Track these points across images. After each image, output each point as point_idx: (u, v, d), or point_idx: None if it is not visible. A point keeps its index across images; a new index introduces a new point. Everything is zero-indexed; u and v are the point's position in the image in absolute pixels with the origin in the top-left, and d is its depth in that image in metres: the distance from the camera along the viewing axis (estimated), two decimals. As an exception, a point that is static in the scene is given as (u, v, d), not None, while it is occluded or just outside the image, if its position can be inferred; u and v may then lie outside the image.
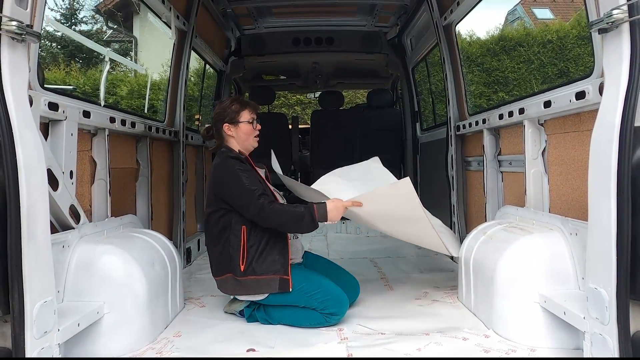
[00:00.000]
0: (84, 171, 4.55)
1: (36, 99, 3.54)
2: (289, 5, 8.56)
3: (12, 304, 2.99)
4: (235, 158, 4.63)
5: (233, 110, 4.79)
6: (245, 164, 4.63)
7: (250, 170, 4.62)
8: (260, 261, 4.50)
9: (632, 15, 3.01)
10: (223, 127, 4.80)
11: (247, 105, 4.86)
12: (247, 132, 4.81)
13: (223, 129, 4.81)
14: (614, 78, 3.10)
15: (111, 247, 4.09)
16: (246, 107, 4.83)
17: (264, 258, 4.52)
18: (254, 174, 4.63)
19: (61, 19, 30.42)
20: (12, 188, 2.99)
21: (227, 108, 4.82)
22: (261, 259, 4.51)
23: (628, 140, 2.96)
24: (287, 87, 13.76)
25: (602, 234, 3.06)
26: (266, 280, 4.53)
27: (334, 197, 4.55)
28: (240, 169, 4.53)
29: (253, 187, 4.46)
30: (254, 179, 4.57)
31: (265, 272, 4.49)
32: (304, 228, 4.45)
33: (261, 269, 4.49)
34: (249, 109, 4.84)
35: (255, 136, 4.88)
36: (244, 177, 4.49)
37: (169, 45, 6.94)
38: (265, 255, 4.53)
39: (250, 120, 4.80)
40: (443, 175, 7.21)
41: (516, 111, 4.99)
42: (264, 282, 4.51)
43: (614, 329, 3.00)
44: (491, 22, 33.95)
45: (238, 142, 4.82)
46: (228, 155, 4.67)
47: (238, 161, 4.61)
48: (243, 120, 4.78)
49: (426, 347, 3.95)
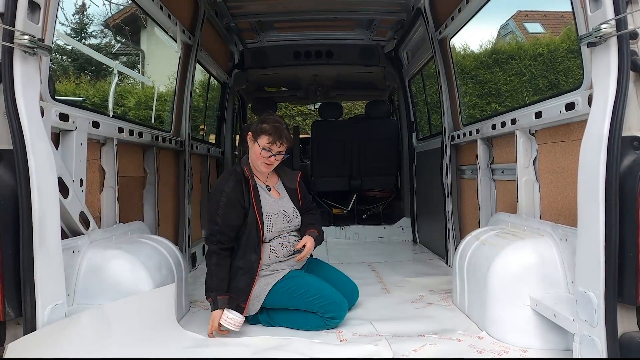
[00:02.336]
0: (93, 179, 4.56)
1: (47, 110, 3.55)
2: (290, 20, 8.58)
3: (24, 306, 3.01)
4: (239, 174, 4.66)
5: (260, 128, 4.68)
6: (241, 187, 4.62)
7: (240, 199, 4.59)
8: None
9: (620, 30, 3.03)
10: (248, 133, 4.78)
11: (271, 134, 4.63)
12: (256, 153, 4.69)
13: (247, 136, 4.80)
14: (602, 90, 3.12)
15: (119, 252, 4.10)
16: (269, 135, 4.63)
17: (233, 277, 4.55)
18: (239, 204, 4.59)
19: (71, 33, 30.45)
20: (24, 195, 3.00)
21: (260, 123, 4.73)
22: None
23: (616, 150, 2.98)
24: (289, 99, 13.80)
25: (590, 239, 3.07)
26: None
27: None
28: (226, 194, 4.55)
29: (218, 219, 4.50)
30: (232, 211, 4.55)
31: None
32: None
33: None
34: (270, 138, 4.63)
35: (265, 162, 4.71)
36: (222, 203, 4.52)
37: (174, 59, 6.94)
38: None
39: (263, 147, 4.64)
40: (438, 183, 7.21)
41: (508, 122, 5.00)
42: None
43: (602, 330, 3.00)
44: (484, 36, 34.03)
45: (250, 155, 4.79)
46: (235, 169, 4.71)
47: (238, 181, 4.63)
48: (259, 141, 4.65)
49: (422, 348, 3.94)
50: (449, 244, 6.95)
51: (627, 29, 3.03)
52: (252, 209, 4.60)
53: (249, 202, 4.61)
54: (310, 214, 5.10)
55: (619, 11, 3.02)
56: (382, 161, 9.95)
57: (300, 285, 4.57)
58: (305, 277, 4.73)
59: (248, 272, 4.52)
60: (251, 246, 4.57)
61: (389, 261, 7.50)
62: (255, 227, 4.58)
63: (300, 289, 4.54)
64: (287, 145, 4.72)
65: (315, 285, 4.60)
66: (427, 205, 8.35)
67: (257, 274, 4.57)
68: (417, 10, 7.46)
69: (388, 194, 10.52)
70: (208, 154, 8.33)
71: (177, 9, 6.30)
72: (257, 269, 4.56)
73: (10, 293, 3.02)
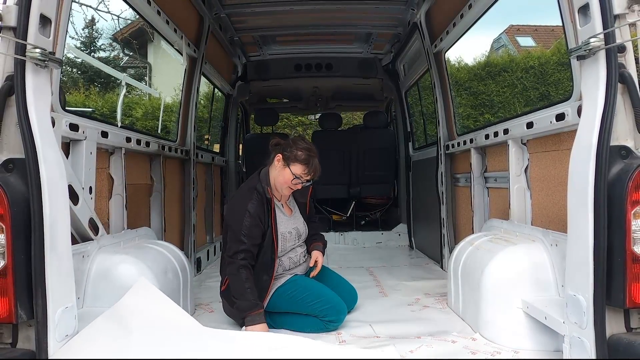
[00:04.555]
0: (102, 187, 4.56)
1: (58, 120, 3.55)
2: (292, 34, 8.61)
3: (36, 309, 3.01)
4: (260, 194, 4.54)
5: (295, 155, 4.57)
6: (263, 206, 4.53)
7: (262, 217, 4.50)
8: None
9: (608, 44, 3.05)
10: (277, 155, 4.65)
11: (307, 165, 4.57)
12: (285, 178, 4.59)
13: (276, 157, 4.66)
14: (591, 101, 3.13)
15: (127, 257, 4.10)
16: (305, 165, 4.57)
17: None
18: (262, 223, 4.49)
19: (81, 46, 30.47)
20: (35, 203, 3.01)
21: (296, 149, 4.59)
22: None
23: (604, 159, 2.99)
24: (290, 110, 13.78)
25: (580, 245, 3.08)
26: (234, 312, 4.56)
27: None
28: (250, 213, 4.44)
29: (245, 239, 4.39)
30: (256, 229, 4.46)
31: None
32: (237, 306, 4.37)
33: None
34: (306, 168, 4.58)
35: (290, 187, 4.66)
36: (246, 223, 4.42)
37: (180, 71, 6.96)
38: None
39: (296, 175, 4.56)
40: (433, 190, 7.21)
41: (501, 132, 5.01)
42: (234, 312, 4.54)
43: (591, 332, 3.01)
44: (478, 49, 34.06)
45: (276, 177, 4.66)
46: (255, 186, 4.59)
47: (259, 199, 4.52)
48: (292, 168, 4.56)
49: (418, 349, 3.95)
50: (444, 249, 6.94)
51: (615, 42, 3.05)
52: (271, 230, 4.56)
53: (269, 223, 4.56)
54: (312, 224, 5.09)
55: (607, 25, 3.04)
56: (379, 170, 9.95)
57: (301, 290, 4.58)
58: (306, 281, 4.74)
59: (260, 293, 4.47)
60: (264, 267, 4.54)
61: (386, 265, 7.49)
62: (271, 247, 4.56)
63: (301, 294, 4.55)
64: (316, 174, 4.66)
65: (316, 289, 4.61)
66: (423, 212, 8.35)
67: (268, 294, 4.57)
68: (413, 25, 7.49)
69: (385, 201, 10.51)
70: (212, 162, 8.33)
71: (182, 23, 6.33)
72: (268, 288, 4.56)
73: (23, 296, 3.02)
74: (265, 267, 4.54)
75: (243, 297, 4.31)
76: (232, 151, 9.93)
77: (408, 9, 7.37)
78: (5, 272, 3.00)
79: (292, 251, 4.81)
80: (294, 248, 4.84)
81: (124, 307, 3.70)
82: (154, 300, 3.85)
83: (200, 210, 7.59)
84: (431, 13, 6.96)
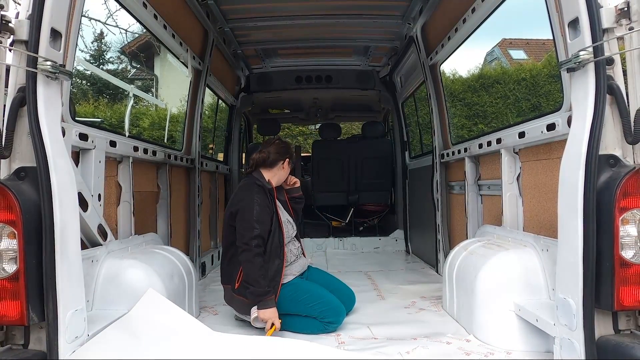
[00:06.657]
0: (110, 194, 4.56)
1: (68, 130, 3.56)
2: (293, 47, 8.62)
3: (47, 312, 3.01)
4: (261, 186, 4.69)
5: (286, 151, 5.04)
6: (266, 196, 4.65)
7: (268, 204, 4.62)
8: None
9: (597, 56, 3.06)
10: (286, 159, 5.01)
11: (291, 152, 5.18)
12: (287, 172, 5.09)
13: (285, 161, 5.00)
14: (581, 112, 3.14)
15: (135, 261, 4.10)
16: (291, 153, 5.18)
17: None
18: (269, 209, 4.60)
19: (90, 59, 30.50)
20: (47, 209, 3.01)
21: (276, 149, 4.96)
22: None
23: (593, 167, 3.00)
24: (291, 120, 13.78)
25: (570, 250, 3.08)
26: (236, 301, 4.60)
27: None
28: (258, 201, 4.54)
29: (257, 225, 4.45)
30: (266, 214, 4.55)
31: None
32: (250, 291, 4.38)
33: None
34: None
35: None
36: (256, 209, 4.49)
37: (186, 83, 6.98)
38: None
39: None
40: (429, 198, 7.22)
41: (494, 141, 5.02)
42: (250, 307, 4.49)
43: (580, 334, 3.01)
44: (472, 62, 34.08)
45: (281, 177, 5.04)
46: (255, 182, 4.72)
47: (262, 190, 4.66)
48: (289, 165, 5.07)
49: (414, 350, 3.95)
50: (439, 254, 6.95)
51: (603, 55, 3.06)
52: (276, 215, 4.65)
53: (274, 209, 4.67)
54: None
55: (596, 39, 3.05)
56: (377, 177, 9.94)
57: (301, 292, 4.59)
58: (306, 284, 4.75)
59: (274, 276, 4.51)
60: (275, 252, 4.57)
61: (383, 270, 7.49)
62: (279, 233, 4.62)
63: (301, 296, 4.56)
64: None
65: (315, 292, 4.62)
66: (419, 218, 8.35)
67: (282, 276, 4.59)
68: (410, 38, 7.51)
69: (383, 207, 10.50)
70: (217, 171, 8.34)
71: (188, 37, 6.34)
72: (281, 271, 4.59)
73: (34, 299, 3.03)
74: (276, 251, 4.57)
75: (257, 284, 4.35)
76: (235, 160, 9.92)
77: (405, 23, 7.40)
78: (18, 276, 3.00)
79: (291, 243, 4.86)
80: (292, 240, 4.90)
81: (134, 318, 3.72)
82: (163, 309, 3.87)
83: (205, 217, 7.59)
84: (427, 27, 6.98)
